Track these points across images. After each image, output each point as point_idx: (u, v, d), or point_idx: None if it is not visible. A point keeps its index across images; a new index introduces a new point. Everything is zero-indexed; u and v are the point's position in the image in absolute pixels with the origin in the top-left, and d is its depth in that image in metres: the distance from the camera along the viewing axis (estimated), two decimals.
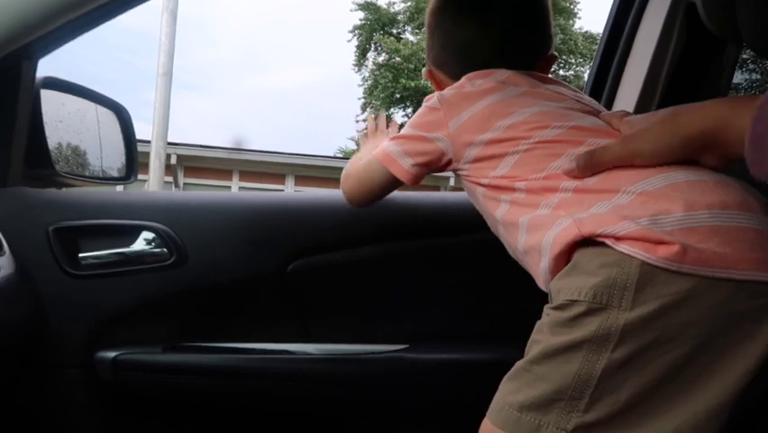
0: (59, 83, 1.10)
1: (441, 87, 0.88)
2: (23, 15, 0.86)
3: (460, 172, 0.79)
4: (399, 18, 19.02)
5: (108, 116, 1.28)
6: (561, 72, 19.78)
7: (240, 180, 11.60)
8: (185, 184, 11.25)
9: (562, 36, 18.69)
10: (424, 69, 0.92)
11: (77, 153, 1.23)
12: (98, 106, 1.26)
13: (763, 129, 0.49)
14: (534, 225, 0.65)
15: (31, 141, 1.01)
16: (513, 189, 0.69)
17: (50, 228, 0.94)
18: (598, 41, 1.25)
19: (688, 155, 0.59)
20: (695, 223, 0.54)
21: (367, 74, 19.98)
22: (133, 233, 0.96)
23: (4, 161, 0.97)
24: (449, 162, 0.78)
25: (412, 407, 0.98)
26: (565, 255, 0.60)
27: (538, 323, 0.62)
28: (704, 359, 0.54)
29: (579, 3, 19.42)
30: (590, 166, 0.61)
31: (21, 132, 0.98)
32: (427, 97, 0.83)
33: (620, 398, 0.55)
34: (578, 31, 19.36)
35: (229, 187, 11.42)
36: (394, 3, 19.03)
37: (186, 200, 1.01)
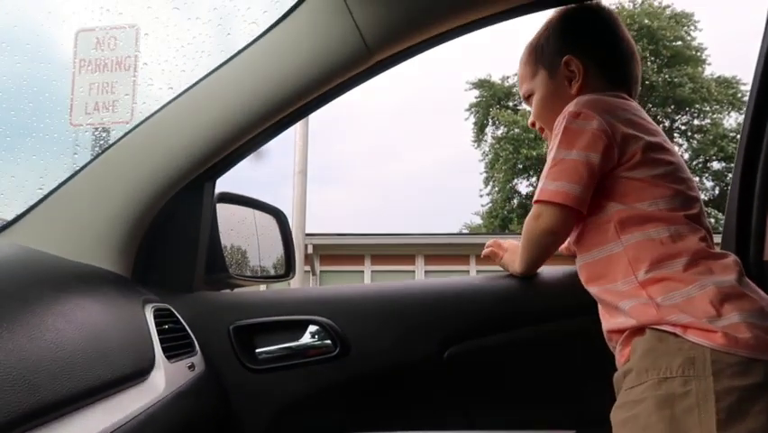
0: (231, 196, 1.25)
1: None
2: (209, 144, 1.01)
3: None
4: (515, 90, 19.22)
5: (267, 220, 1.42)
6: (696, 122, 18.56)
7: (372, 264, 11.91)
8: (321, 271, 11.77)
9: (692, 85, 17.65)
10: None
11: (244, 256, 1.37)
12: (256, 211, 1.41)
13: None
14: None
15: (210, 250, 1.15)
16: None
17: (231, 327, 1.04)
18: (734, 85, 1.13)
19: None
20: None
21: (486, 148, 20.14)
22: (301, 327, 1.04)
23: (191, 270, 1.10)
24: None
25: None
26: None
27: None
28: None
29: (706, 49, 18.41)
30: None
31: (203, 243, 1.12)
32: None
33: None
34: (710, 77, 18.23)
35: (362, 271, 11.76)
36: (508, 77, 19.34)
37: (345, 293, 1.08)
